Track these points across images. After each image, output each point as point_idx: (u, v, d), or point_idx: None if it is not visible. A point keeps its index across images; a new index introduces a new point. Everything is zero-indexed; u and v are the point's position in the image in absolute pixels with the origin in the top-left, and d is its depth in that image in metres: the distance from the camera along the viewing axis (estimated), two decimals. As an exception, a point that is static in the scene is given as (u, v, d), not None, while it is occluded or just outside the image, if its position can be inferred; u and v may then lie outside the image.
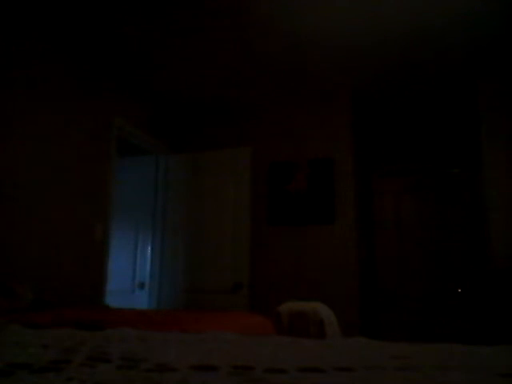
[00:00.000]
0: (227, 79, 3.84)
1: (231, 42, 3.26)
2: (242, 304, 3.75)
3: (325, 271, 3.82)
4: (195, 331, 1.31)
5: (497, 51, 3.34)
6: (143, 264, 4.14)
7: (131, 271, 4.13)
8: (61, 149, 3.03)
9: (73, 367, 0.56)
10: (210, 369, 0.57)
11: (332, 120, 4.09)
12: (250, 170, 4.05)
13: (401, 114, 4.51)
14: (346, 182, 3.93)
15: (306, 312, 2.27)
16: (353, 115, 4.09)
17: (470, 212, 4.31)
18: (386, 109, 4.41)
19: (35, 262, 2.75)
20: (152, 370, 0.56)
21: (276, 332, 2.13)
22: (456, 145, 4.47)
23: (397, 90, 4.00)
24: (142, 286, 4.10)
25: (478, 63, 3.51)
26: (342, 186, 3.93)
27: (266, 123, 4.30)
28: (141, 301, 4.02)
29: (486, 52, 3.35)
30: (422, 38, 3.18)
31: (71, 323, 1.34)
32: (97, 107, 3.42)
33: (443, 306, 4.25)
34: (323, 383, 0.52)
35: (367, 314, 4.11)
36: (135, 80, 3.85)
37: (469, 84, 3.84)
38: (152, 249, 4.17)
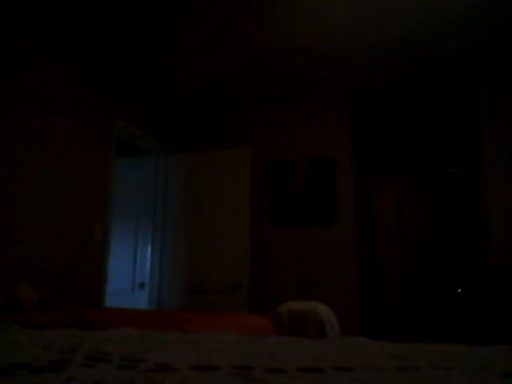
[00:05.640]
0: (227, 79, 3.84)
1: (232, 43, 3.26)
2: (242, 304, 3.75)
3: (325, 271, 3.81)
4: (195, 331, 1.31)
5: (497, 51, 3.34)
6: (143, 264, 4.14)
7: (131, 271, 4.13)
8: (61, 149, 3.03)
9: (73, 367, 0.56)
10: (210, 369, 0.57)
11: (332, 120, 4.09)
12: (250, 169, 4.04)
13: (401, 114, 4.51)
14: (346, 181, 3.93)
15: (306, 312, 2.26)
16: (353, 115, 4.09)
17: (469, 212, 4.31)
18: (386, 109, 4.41)
19: (35, 263, 2.75)
20: (152, 369, 0.56)
21: (276, 332, 2.13)
22: (456, 145, 4.47)
23: (397, 90, 4.00)
24: (142, 286, 4.10)
25: (478, 64, 3.51)
26: (342, 186, 3.92)
27: (265, 123, 4.30)
28: (141, 301, 4.02)
29: (487, 52, 3.35)
30: (422, 39, 3.18)
31: (71, 323, 1.34)
32: (97, 107, 3.42)
33: (443, 306, 4.25)
34: (323, 383, 0.52)
35: (367, 314, 4.11)
36: (135, 80, 3.85)
37: (469, 84, 3.84)
38: (152, 249, 4.17)
